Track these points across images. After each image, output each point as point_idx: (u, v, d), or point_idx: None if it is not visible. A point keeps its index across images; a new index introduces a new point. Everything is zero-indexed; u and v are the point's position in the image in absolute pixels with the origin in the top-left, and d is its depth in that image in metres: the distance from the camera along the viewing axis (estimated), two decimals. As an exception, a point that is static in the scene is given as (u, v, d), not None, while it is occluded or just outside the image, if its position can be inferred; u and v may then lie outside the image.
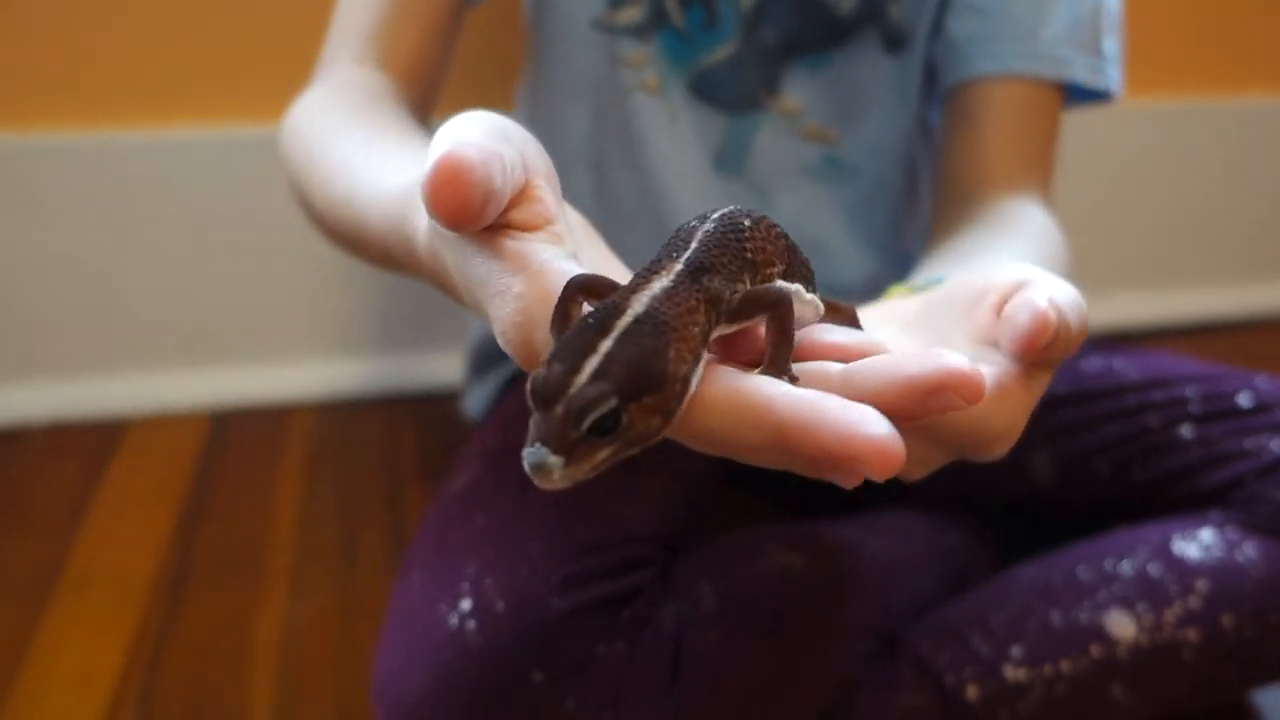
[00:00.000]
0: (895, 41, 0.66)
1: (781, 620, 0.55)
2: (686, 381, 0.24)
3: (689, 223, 0.29)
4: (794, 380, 0.27)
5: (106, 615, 0.74)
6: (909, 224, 0.73)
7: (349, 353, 1.04)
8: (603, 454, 0.24)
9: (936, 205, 0.66)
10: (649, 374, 0.23)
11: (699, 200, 0.68)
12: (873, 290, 0.58)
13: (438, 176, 0.26)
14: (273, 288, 1.01)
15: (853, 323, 0.37)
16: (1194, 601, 0.56)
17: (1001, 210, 0.60)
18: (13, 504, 0.86)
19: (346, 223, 0.45)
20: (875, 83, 0.67)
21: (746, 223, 0.29)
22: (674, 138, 0.67)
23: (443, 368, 1.03)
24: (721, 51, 0.65)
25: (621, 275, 0.32)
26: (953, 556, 0.66)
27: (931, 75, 0.69)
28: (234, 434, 0.98)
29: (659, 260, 0.27)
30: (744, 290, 0.28)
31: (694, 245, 0.27)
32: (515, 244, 0.28)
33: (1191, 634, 0.56)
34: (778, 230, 0.31)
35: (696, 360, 0.25)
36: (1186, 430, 0.63)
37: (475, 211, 0.26)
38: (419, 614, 0.51)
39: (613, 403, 0.23)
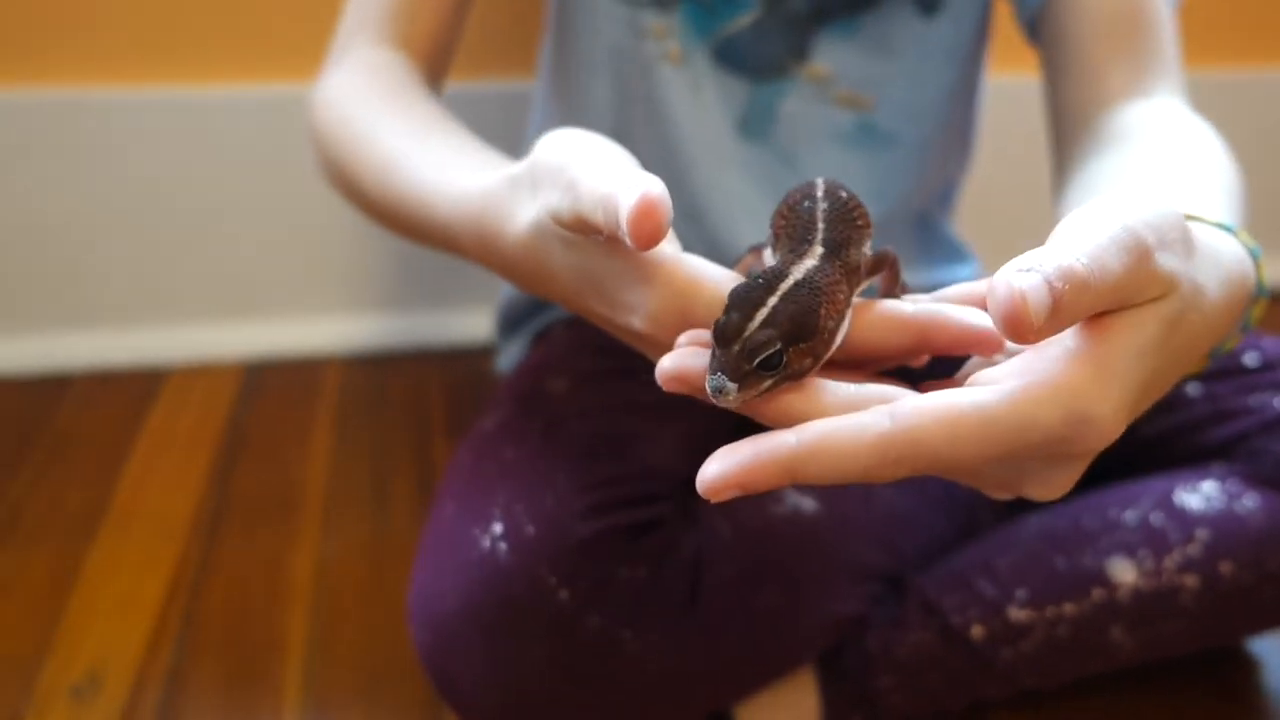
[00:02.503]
0: (928, 3, 0.66)
1: (790, 558, 0.57)
2: (833, 333, 0.31)
3: (801, 202, 0.35)
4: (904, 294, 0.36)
5: (149, 549, 0.77)
6: (929, 185, 0.74)
7: (379, 308, 1.07)
8: (765, 384, 0.29)
9: (1057, 143, 0.63)
10: (805, 325, 0.30)
11: (724, 169, 0.69)
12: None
13: (640, 211, 0.30)
14: (306, 245, 1.04)
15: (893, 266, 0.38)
16: (1194, 549, 0.58)
17: (1121, 126, 0.57)
18: (60, 445, 0.90)
19: (405, 211, 0.51)
20: (910, 46, 0.67)
21: (844, 194, 0.35)
22: (697, 107, 0.68)
23: (469, 324, 1.06)
24: (745, 19, 0.66)
25: None
26: (962, 506, 0.68)
27: (985, 36, 0.69)
28: (267, 385, 1.01)
29: (797, 244, 0.34)
30: (871, 254, 0.35)
31: (821, 227, 0.34)
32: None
33: (1190, 580, 0.58)
34: (855, 195, 0.36)
35: (842, 317, 0.32)
36: (1193, 388, 0.64)
37: (663, 235, 0.31)
38: (453, 537, 0.53)
39: (777, 345, 0.29)
